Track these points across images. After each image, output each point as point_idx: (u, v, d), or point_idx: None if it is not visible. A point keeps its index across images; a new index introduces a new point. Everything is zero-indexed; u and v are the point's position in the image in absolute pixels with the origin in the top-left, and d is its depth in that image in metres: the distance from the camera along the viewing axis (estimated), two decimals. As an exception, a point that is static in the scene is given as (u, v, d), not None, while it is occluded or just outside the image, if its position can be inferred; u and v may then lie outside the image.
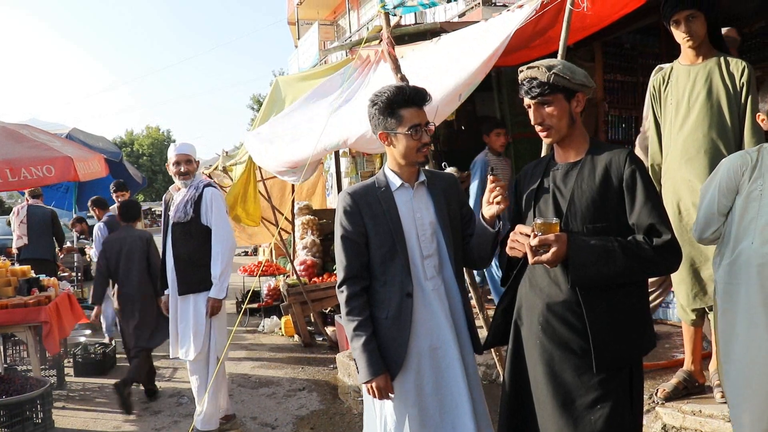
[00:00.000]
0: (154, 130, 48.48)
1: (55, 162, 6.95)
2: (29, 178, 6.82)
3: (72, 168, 6.99)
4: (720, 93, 3.48)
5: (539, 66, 2.39)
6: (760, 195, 2.58)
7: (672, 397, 3.75)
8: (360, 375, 2.67)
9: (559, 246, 2.19)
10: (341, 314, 2.77)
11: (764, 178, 2.60)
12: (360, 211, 2.70)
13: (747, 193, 2.62)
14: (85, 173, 7.39)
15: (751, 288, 2.53)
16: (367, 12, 21.45)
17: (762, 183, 2.59)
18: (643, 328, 2.36)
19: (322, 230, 9.29)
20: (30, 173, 6.77)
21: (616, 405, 2.26)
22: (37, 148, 7.19)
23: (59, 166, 6.94)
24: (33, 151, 7.08)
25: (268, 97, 7.96)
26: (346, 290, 2.70)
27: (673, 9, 3.53)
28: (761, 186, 2.59)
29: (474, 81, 4.17)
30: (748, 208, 2.61)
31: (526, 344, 2.45)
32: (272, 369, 6.72)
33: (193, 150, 5.00)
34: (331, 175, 13.06)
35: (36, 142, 7.37)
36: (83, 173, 7.28)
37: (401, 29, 7.12)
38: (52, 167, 6.90)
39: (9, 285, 5.90)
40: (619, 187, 2.30)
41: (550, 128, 2.41)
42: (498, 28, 4.34)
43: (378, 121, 2.71)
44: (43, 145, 7.34)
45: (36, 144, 7.31)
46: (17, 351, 6.60)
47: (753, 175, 2.63)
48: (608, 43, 7.18)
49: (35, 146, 7.24)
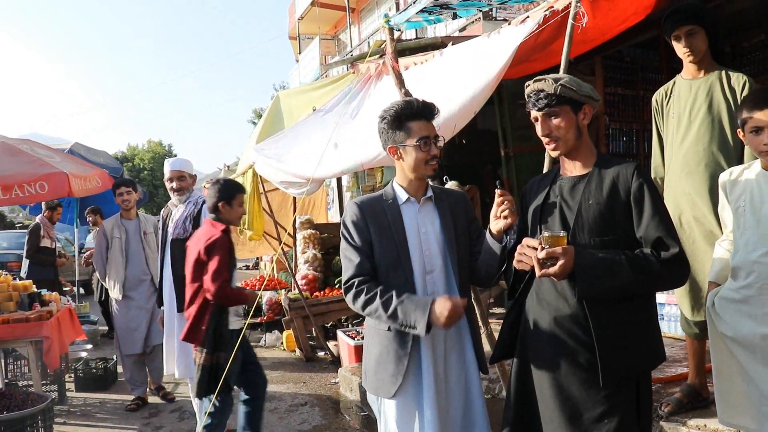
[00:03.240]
0: (156, 144, 48.47)
1: (50, 178, 6.90)
2: (21, 196, 6.81)
3: (66, 184, 6.94)
4: (721, 107, 3.50)
5: (546, 78, 2.41)
6: (744, 210, 2.63)
7: (676, 412, 3.72)
8: (418, 326, 2.52)
9: (566, 259, 2.19)
10: (358, 307, 2.65)
11: (746, 194, 2.64)
12: (366, 222, 2.70)
13: (734, 208, 2.68)
14: (81, 189, 7.37)
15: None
16: (367, 27, 21.56)
17: (746, 199, 2.63)
18: (651, 341, 2.35)
19: (324, 244, 9.28)
20: (22, 191, 6.77)
21: (623, 419, 2.25)
22: (33, 164, 7.15)
23: (53, 183, 6.90)
24: (28, 167, 7.05)
25: (268, 110, 7.98)
26: (354, 288, 2.64)
27: (674, 24, 3.55)
28: (744, 202, 2.64)
29: (486, 95, 4.19)
30: (737, 223, 2.68)
31: (533, 358, 2.44)
32: (274, 384, 6.68)
33: (186, 166, 5.03)
34: (332, 189, 13.08)
35: (33, 158, 7.32)
36: (79, 189, 7.26)
37: (403, 44, 7.16)
38: (46, 184, 6.87)
39: (10, 300, 5.89)
40: (627, 200, 2.30)
41: (557, 140, 2.42)
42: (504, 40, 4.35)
43: (387, 135, 2.72)
44: (40, 161, 7.29)
45: (33, 159, 7.27)
46: (18, 366, 6.56)
47: (737, 190, 2.67)
48: (609, 57, 7.20)
49: (31, 162, 7.20)
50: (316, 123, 6.03)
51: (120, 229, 6.23)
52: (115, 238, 6.18)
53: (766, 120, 2.54)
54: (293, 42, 25.65)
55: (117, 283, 6.17)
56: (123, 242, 6.19)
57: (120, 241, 6.19)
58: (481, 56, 4.47)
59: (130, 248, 6.21)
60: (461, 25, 13.55)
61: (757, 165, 2.71)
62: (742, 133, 2.71)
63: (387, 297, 2.56)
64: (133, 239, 6.23)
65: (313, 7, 21.97)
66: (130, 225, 6.26)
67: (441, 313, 2.47)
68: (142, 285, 6.17)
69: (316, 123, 6.03)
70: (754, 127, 2.60)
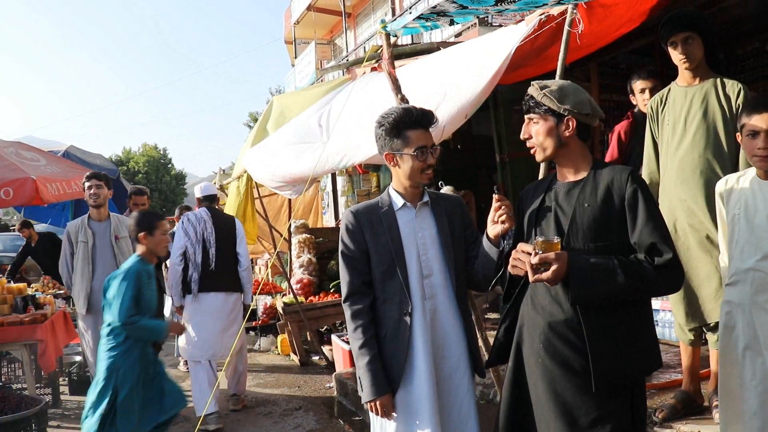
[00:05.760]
0: (150, 148, 48.35)
1: (15, 184, 6.70)
2: None
3: (33, 191, 6.71)
4: (716, 114, 3.51)
5: (539, 84, 2.44)
6: (738, 219, 2.65)
7: (670, 418, 3.73)
8: (363, 394, 2.70)
9: (559, 264, 2.19)
10: (348, 330, 2.81)
11: (741, 202, 2.67)
12: (362, 229, 2.74)
13: (731, 216, 2.71)
14: (64, 194, 7.22)
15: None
16: (363, 32, 21.57)
17: (740, 207, 2.66)
18: (646, 348, 2.35)
19: (319, 249, 9.27)
20: None
21: (618, 425, 2.26)
22: (4, 169, 6.91)
23: (18, 189, 6.69)
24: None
25: (263, 114, 7.98)
26: (351, 307, 2.74)
27: (671, 31, 3.56)
28: (739, 210, 2.66)
29: (480, 100, 4.20)
30: (732, 231, 2.73)
31: (528, 363, 2.45)
32: (268, 388, 6.69)
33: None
34: (327, 193, 13.08)
35: (6, 162, 7.07)
36: (50, 196, 6.99)
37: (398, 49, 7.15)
38: (11, 190, 6.65)
39: (5, 302, 5.88)
40: (621, 206, 2.31)
41: (534, 146, 2.46)
42: (499, 44, 4.36)
43: (384, 142, 2.74)
44: (12, 166, 7.03)
45: (5, 164, 7.04)
46: (12, 369, 6.55)
47: (732, 198, 2.70)
48: (604, 63, 7.23)
49: (3, 167, 6.99)
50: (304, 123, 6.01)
51: (86, 232, 5.41)
52: (81, 242, 5.38)
53: (762, 125, 2.58)
54: (289, 46, 25.63)
55: (81, 295, 5.33)
56: (89, 247, 5.37)
57: (86, 246, 5.38)
58: (475, 59, 4.48)
59: (97, 254, 5.40)
60: (457, 30, 13.56)
61: (751, 172, 2.73)
62: (740, 137, 2.74)
63: (366, 348, 2.70)
64: (101, 244, 5.42)
65: (309, 11, 21.97)
66: (98, 227, 5.47)
67: (377, 407, 2.66)
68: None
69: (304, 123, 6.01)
70: (749, 132, 2.64)
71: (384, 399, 2.66)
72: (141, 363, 3.94)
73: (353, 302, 2.74)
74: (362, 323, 2.71)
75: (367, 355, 2.68)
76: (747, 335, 2.61)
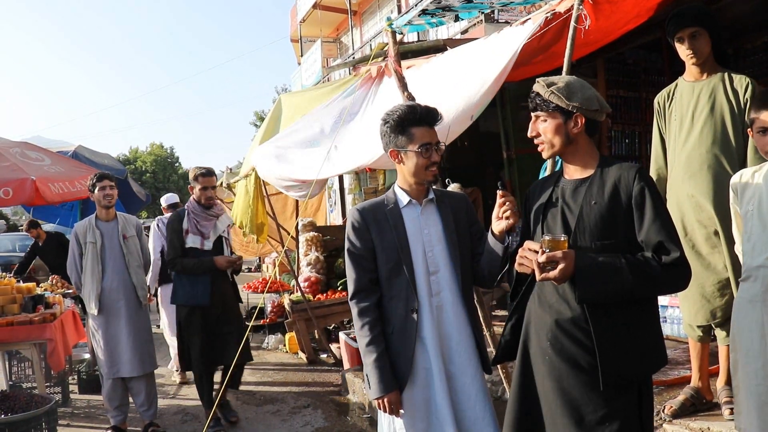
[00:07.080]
0: (158, 148, 48.56)
1: (13, 184, 6.73)
2: None
3: (32, 191, 6.73)
4: (724, 109, 3.49)
5: (545, 81, 2.42)
6: (752, 215, 2.63)
7: (679, 414, 3.72)
8: (371, 391, 2.71)
9: (566, 263, 2.18)
10: (355, 327, 2.82)
11: (755, 198, 2.64)
12: (368, 227, 2.75)
13: (744, 212, 2.68)
14: (67, 193, 7.25)
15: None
16: (369, 29, 21.58)
17: (754, 203, 2.63)
18: (653, 345, 2.35)
19: (326, 247, 9.29)
20: None
21: (625, 422, 2.25)
22: (5, 169, 6.95)
23: (17, 189, 6.71)
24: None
25: (270, 113, 7.98)
26: (357, 304, 2.75)
27: (678, 26, 3.55)
28: (752, 206, 2.64)
29: (485, 101, 4.19)
30: (745, 227, 2.70)
31: (535, 360, 2.45)
32: (276, 386, 6.70)
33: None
34: (334, 191, 13.09)
35: (8, 162, 7.10)
36: (53, 195, 7.01)
37: (404, 46, 7.16)
38: (10, 190, 6.67)
39: (14, 302, 5.91)
40: (628, 204, 2.30)
41: (542, 143, 2.44)
42: (505, 44, 4.35)
43: (389, 139, 2.75)
44: (13, 166, 7.04)
45: (7, 165, 7.07)
46: (22, 368, 6.59)
47: (747, 194, 2.68)
48: (611, 59, 7.20)
49: (4, 167, 7.02)
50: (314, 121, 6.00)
51: (94, 232, 5.35)
52: (89, 243, 5.32)
53: None
54: (295, 45, 25.69)
55: (92, 295, 5.28)
56: (98, 248, 5.32)
57: (95, 246, 5.32)
58: (481, 60, 4.47)
59: (106, 255, 5.35)
60: (463, 27, 13.56)
61: (766, 167, 2.70)
62: (751, 132, 2.72)
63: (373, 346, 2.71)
64: (109, 244, 5.37)
65: (315, 9, 22.00)
66: (106, 227, 5.40)
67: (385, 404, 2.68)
68: (123, 297, 5.30)
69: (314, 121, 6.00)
70: (761, 128, 2.61)
71: (392, 396, 2.67)
72: None
73: (360, 300, 2.75)
74: (369, 320, 2.72)
75: (374, 353, 2.69)
76: (756, 332, 2.60)
